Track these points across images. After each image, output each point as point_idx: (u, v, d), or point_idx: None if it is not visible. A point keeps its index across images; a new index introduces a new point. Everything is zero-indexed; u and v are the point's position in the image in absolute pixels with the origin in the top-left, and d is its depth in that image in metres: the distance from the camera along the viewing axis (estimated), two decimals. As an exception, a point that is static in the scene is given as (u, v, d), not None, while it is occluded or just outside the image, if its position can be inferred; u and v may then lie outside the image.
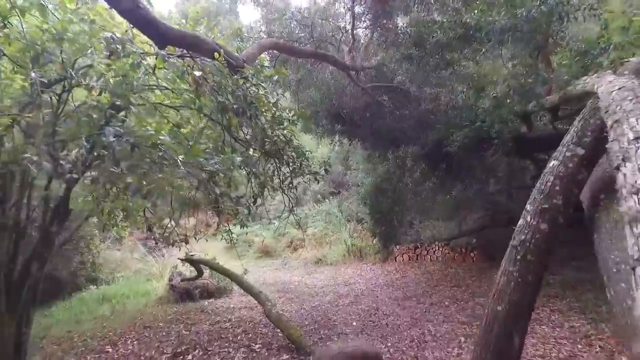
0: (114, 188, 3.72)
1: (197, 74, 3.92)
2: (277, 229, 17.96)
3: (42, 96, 2.99)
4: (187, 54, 5.21)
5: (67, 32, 3.15)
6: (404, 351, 4.97)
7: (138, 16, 3.53)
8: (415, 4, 7.45)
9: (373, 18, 8.19)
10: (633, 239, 1.21)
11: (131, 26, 3.86)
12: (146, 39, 4.25)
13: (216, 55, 4.33)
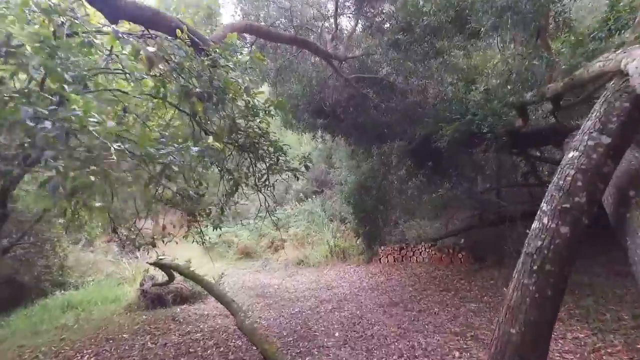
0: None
1: (150, 50, 3.30)
2: (254, 230, 17.32)
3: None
4: (148, 34, 4.57)
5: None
6: (392, 368, 4.46)
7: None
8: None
9: (358, 2, 7.65)
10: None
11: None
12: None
13: (178, 32, 3.74)
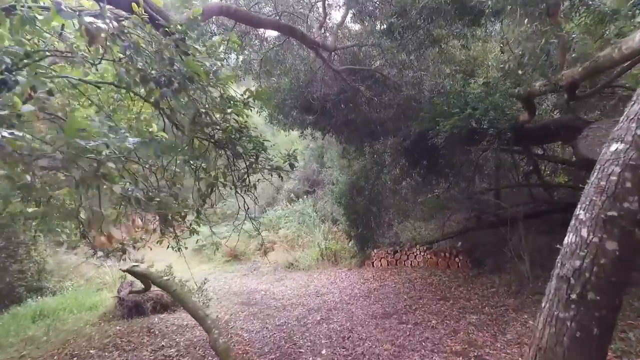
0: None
1: (88, 21, 2.68)
2: (243, 232, 16.61)
3: None
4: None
5: None
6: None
7: None
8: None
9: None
10: None
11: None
12: None
13: (134, 7, 3.13)
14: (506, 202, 8.22)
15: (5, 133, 1.58)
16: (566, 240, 1.90)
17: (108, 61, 3.25)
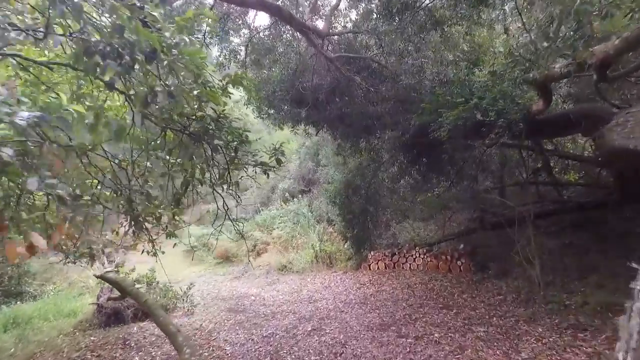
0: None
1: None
2: (235, 232, 16.09)
3: None
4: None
5: None
6: None
7: None
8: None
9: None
10: None
11: None
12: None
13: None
14: (512, 202, 7.65)
15: None
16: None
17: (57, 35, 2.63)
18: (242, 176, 5.25)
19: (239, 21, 6.85)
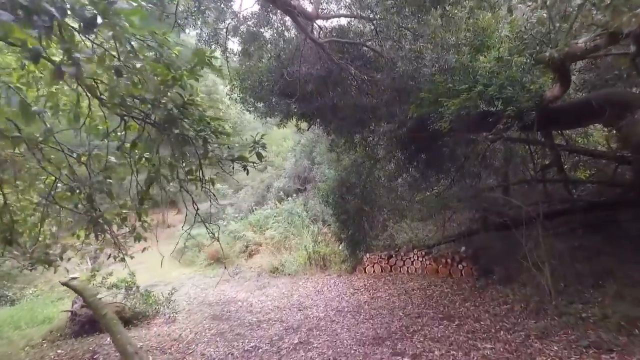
0: None
1: None
2: (227, 233, 15.62)
3: None
4: None
5: None
6: None
7: None
8: None
9: None
10: None
11: None
12: None
13: None
14: (517, 201, 7.06)
15: None
16: None
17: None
18: (218, 172, 4.66)
19: (220, 3, 6.22)
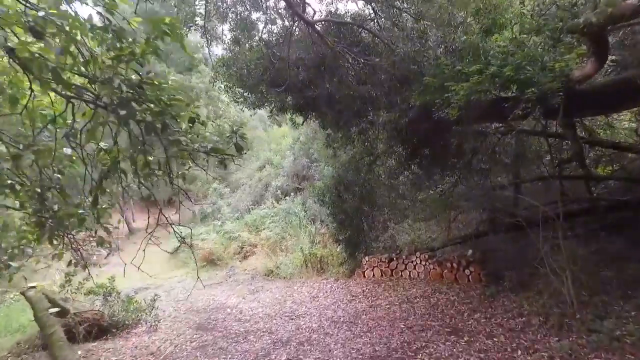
0: None
1: None
2: (222, 233, 15.04)
3: None
4: None
5: None
6: None
7: None
8: None
9: None
10: None
11: None
12: None
13: None
14: (530, 199, 6.40)
15: None
16: None
17: None
18: (190, 166, 3.97)
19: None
